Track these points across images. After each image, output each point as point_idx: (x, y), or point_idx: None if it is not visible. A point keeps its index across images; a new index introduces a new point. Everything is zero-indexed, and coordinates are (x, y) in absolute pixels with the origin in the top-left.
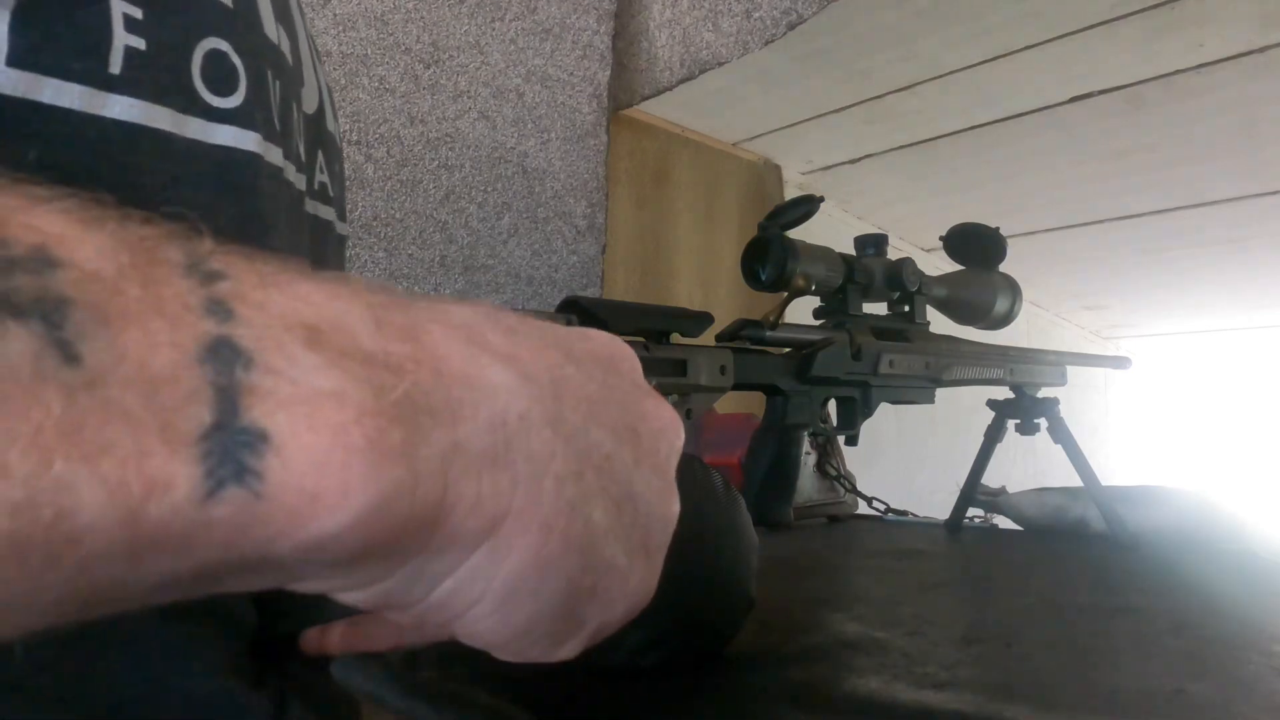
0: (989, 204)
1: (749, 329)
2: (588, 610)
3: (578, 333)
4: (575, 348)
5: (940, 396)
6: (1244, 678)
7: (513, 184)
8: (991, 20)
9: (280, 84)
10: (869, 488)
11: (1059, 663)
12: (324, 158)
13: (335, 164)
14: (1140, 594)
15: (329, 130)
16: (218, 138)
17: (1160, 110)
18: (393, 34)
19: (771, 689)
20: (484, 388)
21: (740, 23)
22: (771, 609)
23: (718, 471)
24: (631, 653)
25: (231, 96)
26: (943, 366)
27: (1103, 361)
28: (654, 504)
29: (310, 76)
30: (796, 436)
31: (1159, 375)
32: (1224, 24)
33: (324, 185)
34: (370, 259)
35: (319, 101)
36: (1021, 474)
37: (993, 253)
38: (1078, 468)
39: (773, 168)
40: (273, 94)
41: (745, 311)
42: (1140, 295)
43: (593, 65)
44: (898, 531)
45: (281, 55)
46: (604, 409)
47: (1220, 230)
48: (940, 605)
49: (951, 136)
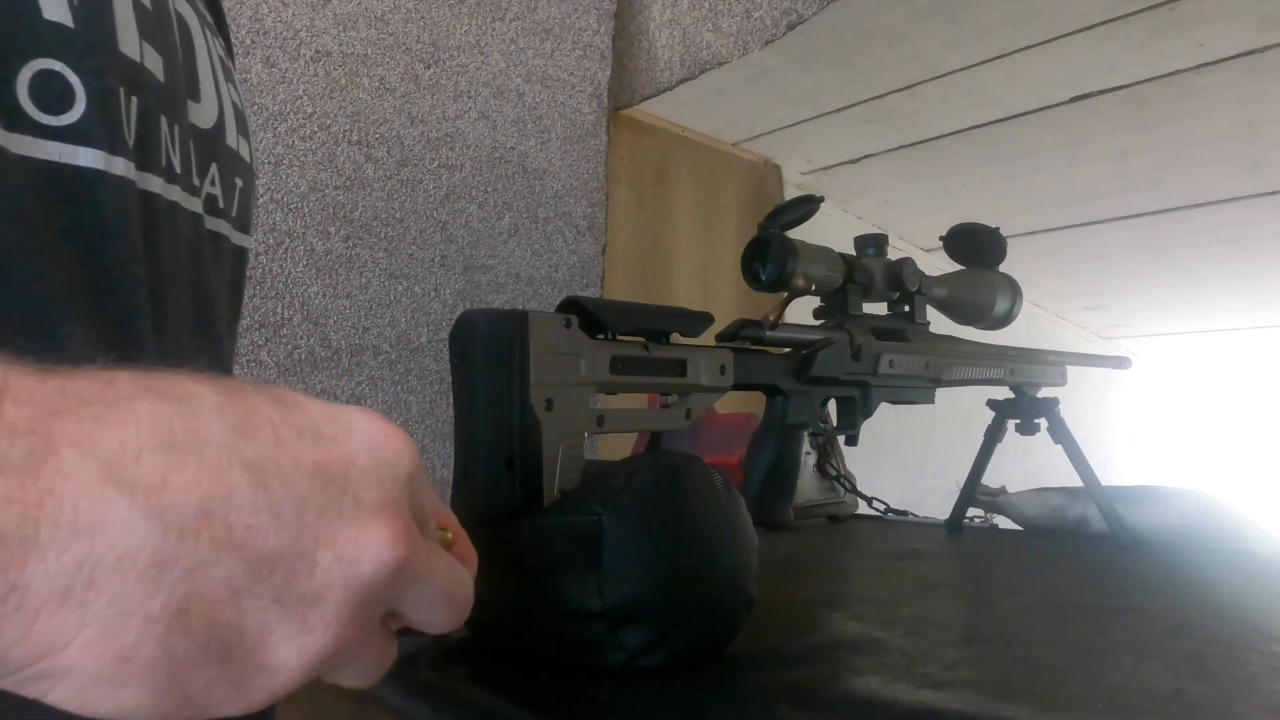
0: (989, 204)
1: (749, 329)
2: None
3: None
4: (286, 453)
5: (940, 396)
6: (1244, 678)
7: (513, 184)
8: (991, 20)
9: (139, 100)
10: (869, 488)
11: (1059, 663)
12: (218, 171)
13: (235, 178)
14: (1140, 594)
15: (229, 146)
16: (46, 153)
17: (1160, 110)
18: (393, 34)
19: (771, 689)
20: (85, 529)
21: (740, 23)
22: (771, 609)
23: (718, 471)
24: (631, 653)
25: (65, 114)
26: (943, 366)
27: (1103, 361)
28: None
29: (208, 93)
30: (796, 436)
31: (1159, 375)
32: (1224, 24)
33: (212, 198)
34: (370, 259)
35: (217, 118)
36: (1021, 474)
37: (993, 253)
38: (1078, 468)
39: (773, 168)
40: (125, 110)
41: (745, 311)
42: (1140, 295)
43: (593, 65)
44: (898, 531)
45: (145, 73)
46: (257, 532)
47: (1220, 230)
48: (940, 605)
49: (951, 136)
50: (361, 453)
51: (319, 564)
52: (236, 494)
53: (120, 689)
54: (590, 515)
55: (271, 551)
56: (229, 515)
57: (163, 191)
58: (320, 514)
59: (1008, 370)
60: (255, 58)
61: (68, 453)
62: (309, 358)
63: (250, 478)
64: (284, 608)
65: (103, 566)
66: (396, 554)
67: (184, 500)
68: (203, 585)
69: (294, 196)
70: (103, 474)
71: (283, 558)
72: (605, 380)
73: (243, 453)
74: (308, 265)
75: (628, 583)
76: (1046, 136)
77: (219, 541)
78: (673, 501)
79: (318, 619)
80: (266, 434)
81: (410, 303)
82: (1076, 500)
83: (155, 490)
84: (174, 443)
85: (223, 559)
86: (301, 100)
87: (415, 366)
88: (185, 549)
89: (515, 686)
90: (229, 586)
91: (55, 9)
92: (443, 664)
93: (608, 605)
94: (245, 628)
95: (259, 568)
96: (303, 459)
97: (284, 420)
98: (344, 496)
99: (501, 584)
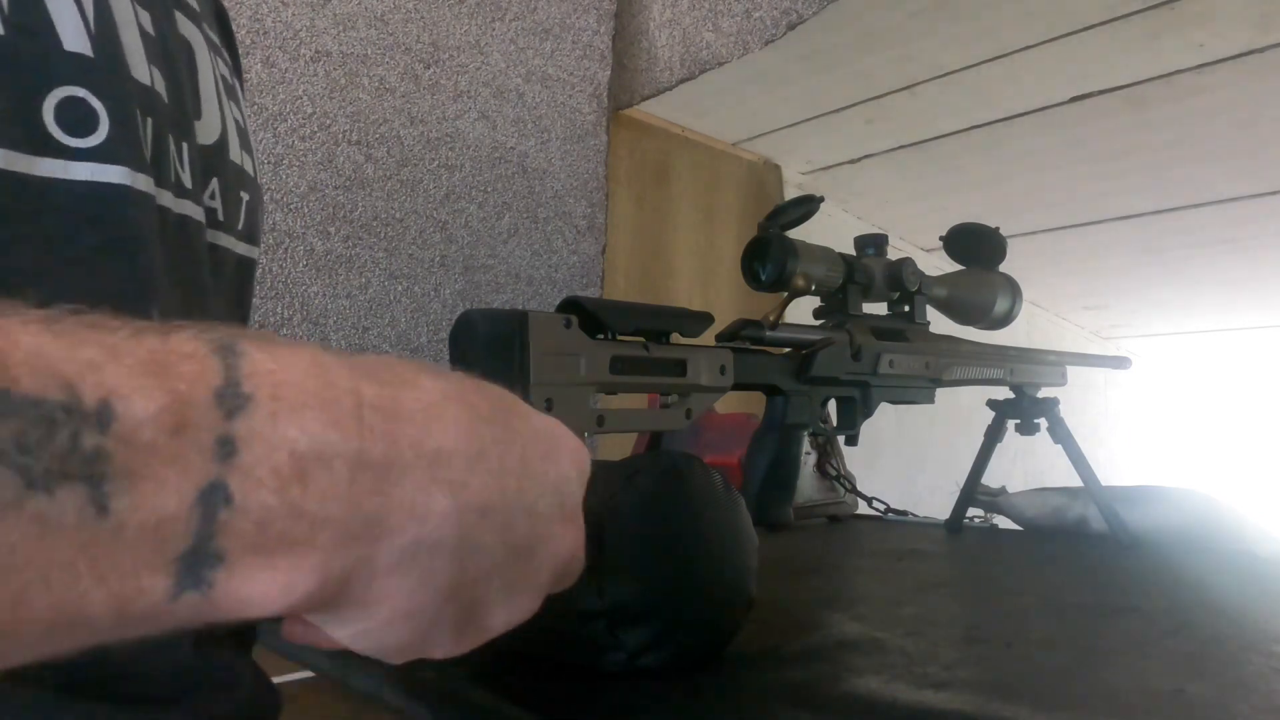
0: (989, 204)
1: (749, 329)
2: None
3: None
4: (532, 465)
5: (940, 396)
6: (1244, 678)
7: (513, 184)
8: (991, 20)
9: (153, 120)
10: (869, 488)
11: (1059, 663)
12: (219, 185)
13: (240, 191)
14: (1140, 594)
15: (232, 161)
16: (77, 174)
17: (1160, 110)
18: (393, 34)
19: (771, 689)
20: (419, 516)
21: (740, 23)
22: (771, 609)
23: (718, 471)
24: (631, 653)
25: (92, 136)
26: (943, 366)
27: (1103, 361)
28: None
29: (212, 111)
30: (796, 436)
31: (1159, 375)
32: (1224, 24)
33: (212, 210)
34: (370, 259)
35: (220, 134)
36: (1021, 474)
37: (993, 253)
38: (1078, 468)
39: (773, 168)
40: (143, 130)
41: (745, 311)
42: (1140, 295)
43: (593, 65)
44: (898, 531)
45: (155, 95)
46: (515, 529)
47: (1220, 230)
48: (940, 605)
49: (951, 136)
50: (570, 468)
51: (537, 555)
52: (508, 500)
53: (390, 634)
54: (590, 515)
55: (521, 544)
56: (504, 516)
57: (173, 205)
58: (547, 518)
59: (1008, 370)
60: (255, 58)
61: (407, 455)
62: None
63: (518, 487)
64: (511, 591)
65: (423, 545)
66: (579, 550)
67: (480, 499)
68: (476, 567)
69: (294, 196)
70: (429, 474)
71: (522, 549)
72: (605, 380)
73: (508, 463)
74: (308, 265)
75: (628, 583)
76: (1046, 136)
77: (495, 535)
78: (673, 501)
79: (524, 599)
80: (518, 447)
81: (410, 303)
82: (1076, 500)
83: (462, 488)
84: (470, 451)
85: (493, 546)
86: (301, 100)
87: None
88: (476, 539)
89: (515, 686)
90: (490, 567)
91: (75, 41)
92: (443, 664)
93: (608, 605)
94: (483, 600)
95: (510, 555)
96: (544, 473)
97: (527, 433)
98: (562, 504)
99: None
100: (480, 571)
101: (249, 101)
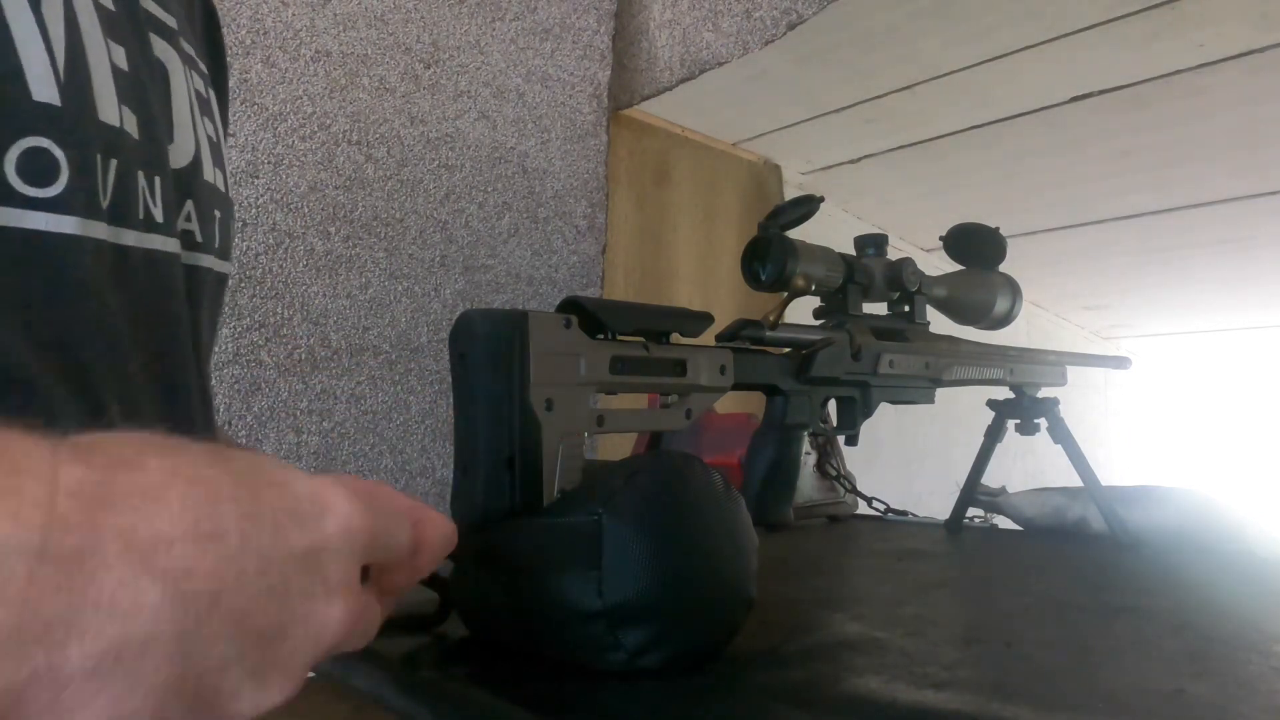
0: (989, 204)
1: (749, 329)
2: None
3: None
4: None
5: (940, 396)
6: (1244, 678)
7: (513, 184)
8: (991, 20)
9: (118, 161)
10: (869, 488)
11: (1059, 663)
12: (194, 207)
13: (213, 210)
14: (1140, 594)
15: (205, 180)
16: (32, 223)
17: (1160, 110)
18: (393, 34)
19: (771, 689)
20: (123, 613)
21: (740, 23)
22: (771, 609)
23: (718, 471)
24: (631, 653)
25: (51, 186)
26: (943, 366)
27: (1103, 361)
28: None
29: (184, 132)
30: (796, 436)
31: (1159, 375)
32: (1224, 24)
33: (189, 233)
34: (370, 259)
35: (193, 155)
36: (1021, 474)
37: (993, 253)
38: (1078, 468)
39: (773, 168)
40: (102, 176)
41: (745, 311)
42: (1140, 295)
43: (593, 65)
44: (898, 531)
45: (123, 135)
46: (257, 614)
47: (1220, 230)
48: (940, 605)
49: (951, 136)
50: (335, 537)
51: (289, 637)
52: (243, 581)
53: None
54: (590, 515)
55: (262, 630)
56: (236, 600)
57: (138, 243)
58: (301, 597)
59: (1008, 370)
60: (255, 58)
61: (112, 545)
62: (309, 358)
63: (256, 565)
64: (257, 677)
65: (131, 645)
66: (351, 623)
67: (205, 586)
68: (203, 660)
69: (294, 196)
70: (140, 565)
71: (268, 634)
72: (605, 380)
73: (249, 539)
74: (308, 265)
75: (628, 583)
76: (1046, 136)
77: (224, 623)
78: (673, 501)
79: (279, 680)
80: (268, 521)
81: (410, 303)
82: (1076, 500)
83: (183, 577)
84: (199, 533)
85: (224, 639)
86: (301, 100)
87: (415, 366)
88: (199, 631)
89: (515, 686)
90: (222, 661)
91: (44, 90)
92: (443, 664)
93: (608, 605)
94: (221, 690)
95: (250, 644)
96: (295, 546)
97: (280, 506)
98: (317, 580)
99: (502, 584)
100: (213, 663)
101: (249, 101)
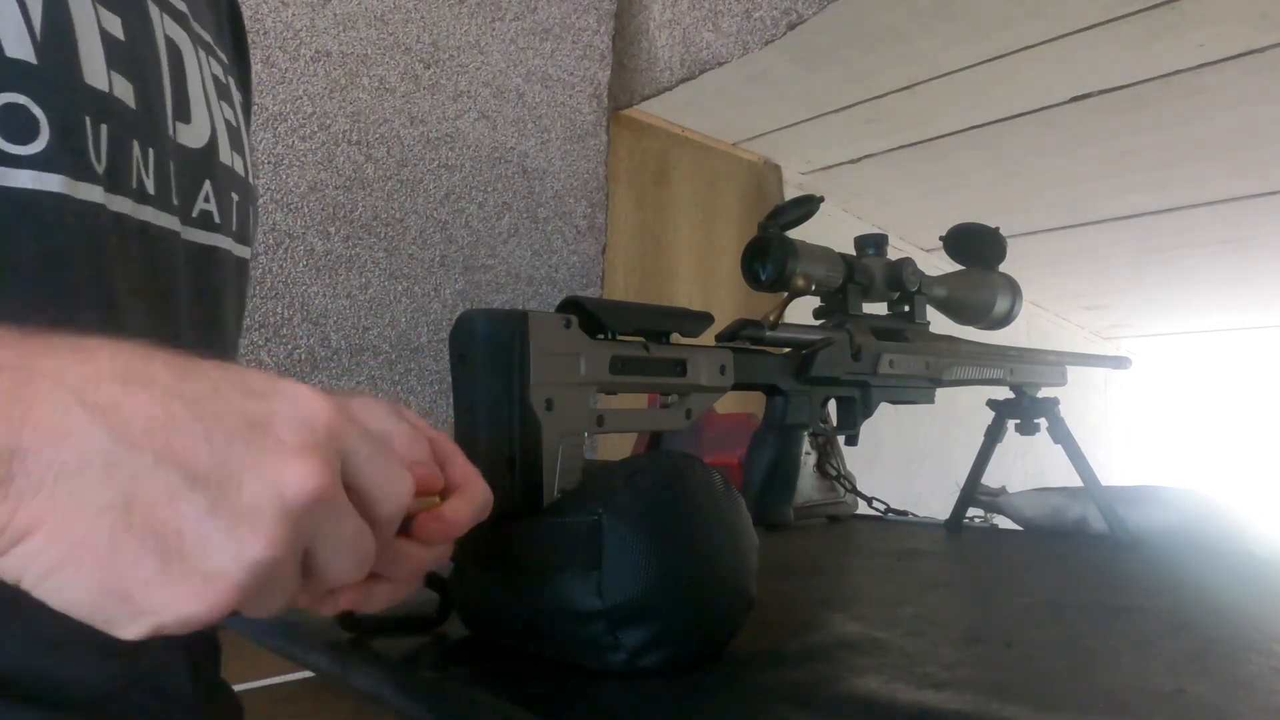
0: (989, 204)
1: (749, 329)
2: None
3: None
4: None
5: (940, 396)
6: (1244, 678)
7: (513, 184)
8: (991, 20)
9: (109, 126)
10: (869, 488)
11: (1059, 663)
12: (211, 188)
13: (230, 193)
14: (1140, 594)
15: (222, 163)
16: (18, 181)
17: (1160, 110)
18: (393, 34)
19: (771, 689)
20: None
21: (740, 23)
22: (771, 609)
23: (718, 471)
24: (631, 653)
25: (32, 143)
26: (943, 366)
27: (1103, 361)
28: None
29: (200, 113)
30: (796, 436)
31: (1159, 375)
32: (1224, 24)
33: (207, 213)
34: (370, 259)
35: (210, 136)
36: (1021, 474)
37: (993, 253)
38: (1078, 468)
39: (773, 168)
40: (93, 139)
41: (745, 311)
42: (1140, 295)
43: (593, 65)
44: (898, 531)
45: (114, 101)
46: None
47: (1220, 230)
48: (940, 605)
49: (951, 136)
50: (286, 407)
51: (245, 485)
52: (176, 420)
53: (75, 574)
54: (590, 515)
55: (204, 469)
56: (169, 436)
57: (132, 212)
58: (248, 446)
59: (1008, 370)
60: (255, 58)
61: (42, 382)
62: (309, 358)
63: (189, 410)
64: (218, 518)
65: (68, 465)
66: (316, 483)
67: (133, 418)
68: (145, 488)
69: (294, 196)
70: (70, 398)
71: (213, 475)
72: (605, 380)
73: (183, 392)
74: (308, 265)
75: (628, 583)
76: (1046, 136)
77: (160, 454)
78: (673, 501)
79: (249, 531)
80: (205, 382)
81: (410, 303)
82: (1076, 500)
83: (111, 410)
84: (128, 378)
85: (162, 468)
86: (301, 100)
87: (415, 366)
88: (132, 456)
89: (515, 686)
90: (168, 492)
91: (17, 47)
92: (443, 664)
93: (608, 605)
94: (183, 531)
95: (194, 480)
96: (235, 404)
97: (222, 376)
98: (268, 437)
99: (502, 584)
100: (158, 495)
101: None
